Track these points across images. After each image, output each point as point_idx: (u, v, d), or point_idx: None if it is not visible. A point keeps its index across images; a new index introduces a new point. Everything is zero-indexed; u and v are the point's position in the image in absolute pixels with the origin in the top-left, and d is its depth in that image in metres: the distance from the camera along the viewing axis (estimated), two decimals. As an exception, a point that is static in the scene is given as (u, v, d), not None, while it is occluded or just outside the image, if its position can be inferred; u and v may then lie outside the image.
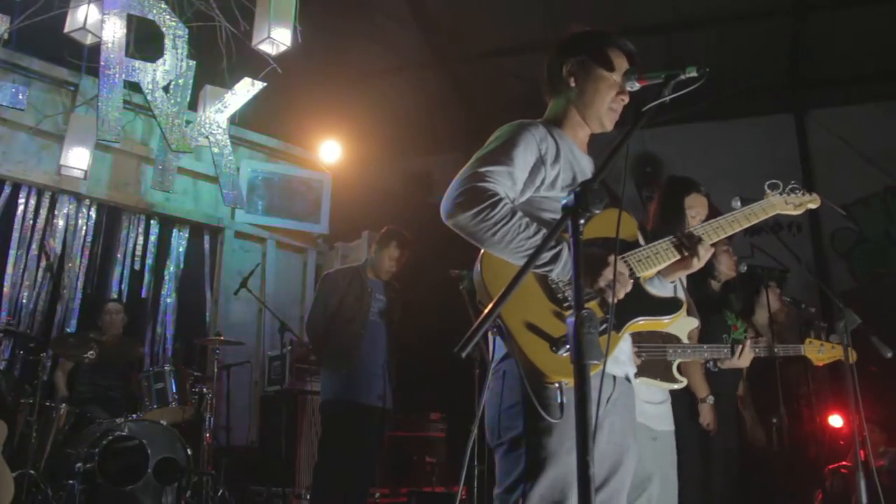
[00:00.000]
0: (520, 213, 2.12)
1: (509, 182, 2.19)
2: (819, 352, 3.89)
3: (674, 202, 3.63)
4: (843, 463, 5.47)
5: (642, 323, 2.27)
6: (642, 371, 3.15)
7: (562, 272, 2.11)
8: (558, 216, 2.12)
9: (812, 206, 2.69)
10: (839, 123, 8.50)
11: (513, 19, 7.73)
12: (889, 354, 3.90)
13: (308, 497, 6.03)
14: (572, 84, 2.41)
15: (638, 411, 2.45)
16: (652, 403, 3.22)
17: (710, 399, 4.21)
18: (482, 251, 2.21)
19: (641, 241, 2.38)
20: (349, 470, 4.98)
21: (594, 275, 2.08)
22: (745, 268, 4.57)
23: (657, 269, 2.34)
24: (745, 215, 2.53)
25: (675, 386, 3.27)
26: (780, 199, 2.62)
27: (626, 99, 2.38)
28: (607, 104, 2.37)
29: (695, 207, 3.61)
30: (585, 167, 2.40)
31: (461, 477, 2.94)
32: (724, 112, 8.64)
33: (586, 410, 1.50)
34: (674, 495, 3.19)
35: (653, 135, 8.57)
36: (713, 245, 2.42)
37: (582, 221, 1.63)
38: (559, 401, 2.03)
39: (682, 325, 3.27)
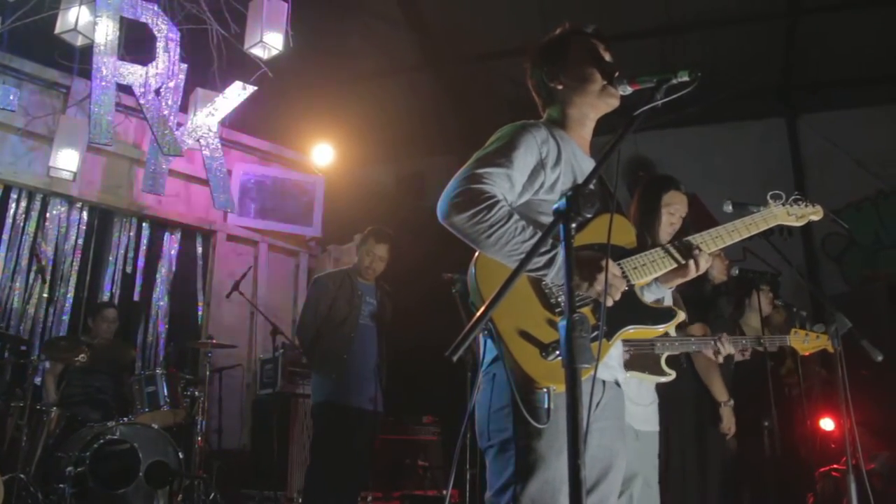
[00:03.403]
0: (516, 217, 2.10)
1: (507, 184, 2.18)
2: (804, 341, 3.91)
3: (650, 200, 3.58)
4: (835, 466, 5.48)
5: (634, 331, 2.27)
6: (631, 365, 3.15)
7: (556, 277, 2.10)
8: None
9: (815, 217, 2.63)
10: (831, 127, 8.54)
11: (505, 22, 7.74)
12: (880, 358, 3.91)
13: (300, 500, 6.02)
14: (560, 87, 2.41)
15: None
16: (640, 405, 3.23)
17: (731, 403, 4.22)
18: (477, 253, 2.20)
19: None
20: (341, 473, 4.97)
21: (587, 278, 2.07)
22: (737, 271, 4.58)
23: (652, 276, 2.33)
24: (746, 225, 2.48)
25: (664, 379, 3.27)
26: (782, 210, 2.57)
27: (617, 72, 2.33)
28: (600, 85, 2.34)
29: (673, 204, 3.53)
30: (587, 170, 2.35)
31: (450, 479, 2.95)
32: (716, 116, 8.67)
33: (578, 414, 1.50)
34: (655, 497, 3.19)
35: (645, 138, 8.59)
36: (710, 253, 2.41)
37: (574, 226, 1.62)
38: (546, 406, 2.03)
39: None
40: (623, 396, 2.36)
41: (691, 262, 2.34)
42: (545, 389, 2.03)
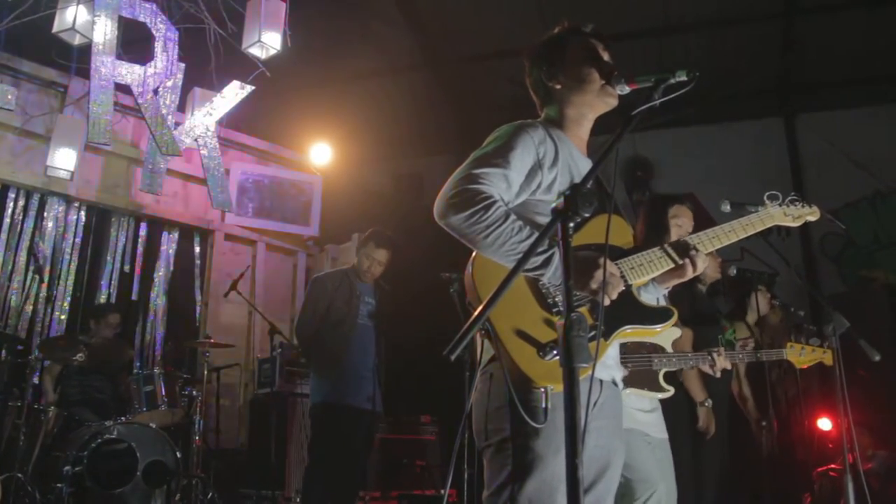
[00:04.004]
0: (513, 217, 2.10)
1: (504, 185, 2.17)
2: (800, 354, 3.92)
3: (658, 216, 3.62)
4: (832, 466, 5.49)
5: (631, 331, 2.26)
6: (630, 382, 3.16)
7: (553, 276, 2.10)
8: None
9: (811, 218, 2.63)
10: (829, 128, 8.55)
11: (504, 21, 7.74)
12: (877, 357, 3.92)
13: (298, 500, 6.02)
14: (558, 87, 2.41)
15: (631, 419, 2.45)
16: (643, 411, 3.24)
17: (709, 402, 4.23)
18: (474, 253, 2.20)
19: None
20: (339, 473, 4.97)
21: (585, 277, 2.07)
22: (735, 271, 4.58)
23: (649, 276, 2.33)
24: (743, 226, 2.48)
25: (662, 395, 3.28)
26: (779, 211, 2.57)
27: (616, 71, 2.32)
28: (598, 84, 2.34)
29: (679, 217, 3.59)
30: (584, 170, 2.34)
31: (448, 479, 2.95)
32: (714, 116, 8.68)
33: (576, 413, 1.50)
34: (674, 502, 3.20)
35: (644, 138, 8.60)
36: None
37: (571, 225, 1.62)
38: (544, 406, 2.02)
39: (668, 335, 3.29)
40: (620, 396, 2.36)
41: (688, 262, 2.34)
42: (542, 389, 2.03)
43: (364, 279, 5.33)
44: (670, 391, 3.29)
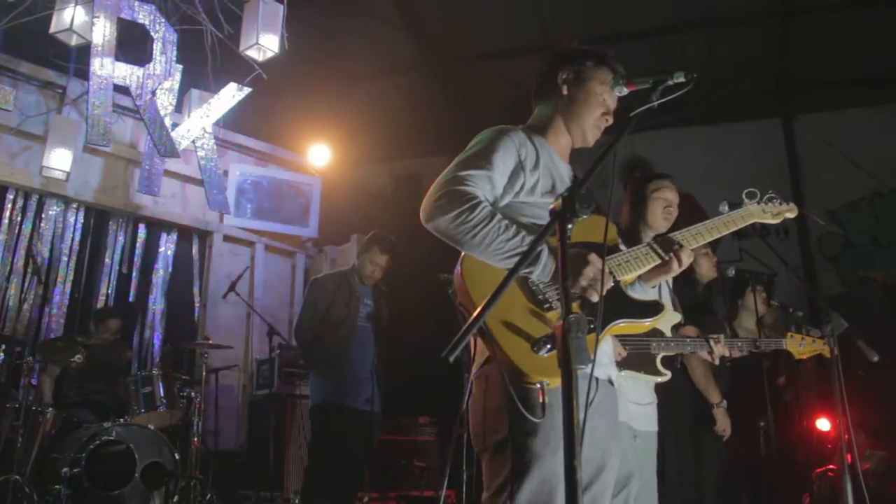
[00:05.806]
0: (499, 216, 2.13)
1: (488, 186, 2.21)
2: (800, 345, 3.92)
3: (638, 192, 3.65)
4: (830, 466, 5.48)
5: (622, 325, 2.30)
6: (627, 364, 3.17)
7: (542, 274, 2.13)
8: (538, 221, 2.15)
9: (789, 215, 2.74)
10: (827, 128, 8.54)
11: (502, 23, 7.74)
12: (875, 358, 3.92)
13: (297, 501, 6.01)
14: (564, 92, 2.43)
15: (623, 411, 2.46)
16: (639, 404, 3.24)
17: (724, 404, 4.23)
18: (463, 253, 2.22)
19: (623, 247, 2.41)
20: (339, 474, 4.97)
21: (574, 275, 2.09)
22: (734, 272, 4.58)
23: (637, 273, 2.37)
24: (724, 222, 2.58)
25: (660, 379, 3.28)
26: (757, 208, 2.66)
27: (611, 120, 2.42)
28: (594, 120, 2.40)
29: (660, 189, 3.61)
30: (565, 174, 2.42)
31: (444, 480, 2.96)
32: (712, 116, 8.67)
33: (574, 414, 1.50)
34: (654, 496, 3.20)
35: (642, 139, 8.59)
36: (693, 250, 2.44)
37: (570, 226, 1.63)
38: (541, 400, 2.03)
39: (668, 320, 3.29)
40: (615, 395, 2.37)
41: (673, 257, 2.37)
42: (538, 384, 2.04)
43: (365, 282, 5.34)
44: (667, 375, 3.29)
